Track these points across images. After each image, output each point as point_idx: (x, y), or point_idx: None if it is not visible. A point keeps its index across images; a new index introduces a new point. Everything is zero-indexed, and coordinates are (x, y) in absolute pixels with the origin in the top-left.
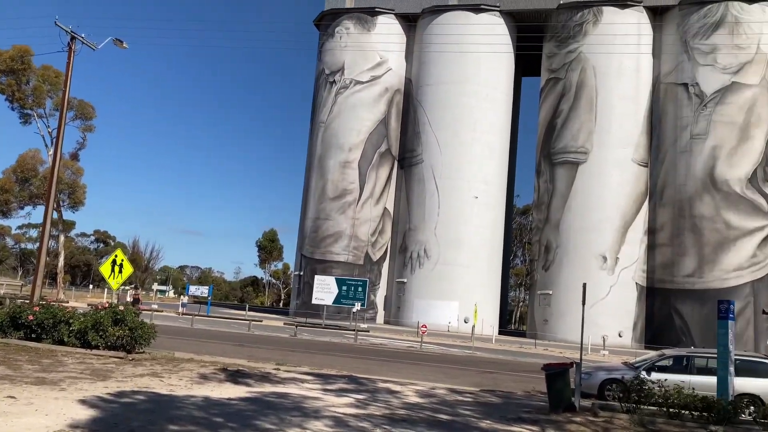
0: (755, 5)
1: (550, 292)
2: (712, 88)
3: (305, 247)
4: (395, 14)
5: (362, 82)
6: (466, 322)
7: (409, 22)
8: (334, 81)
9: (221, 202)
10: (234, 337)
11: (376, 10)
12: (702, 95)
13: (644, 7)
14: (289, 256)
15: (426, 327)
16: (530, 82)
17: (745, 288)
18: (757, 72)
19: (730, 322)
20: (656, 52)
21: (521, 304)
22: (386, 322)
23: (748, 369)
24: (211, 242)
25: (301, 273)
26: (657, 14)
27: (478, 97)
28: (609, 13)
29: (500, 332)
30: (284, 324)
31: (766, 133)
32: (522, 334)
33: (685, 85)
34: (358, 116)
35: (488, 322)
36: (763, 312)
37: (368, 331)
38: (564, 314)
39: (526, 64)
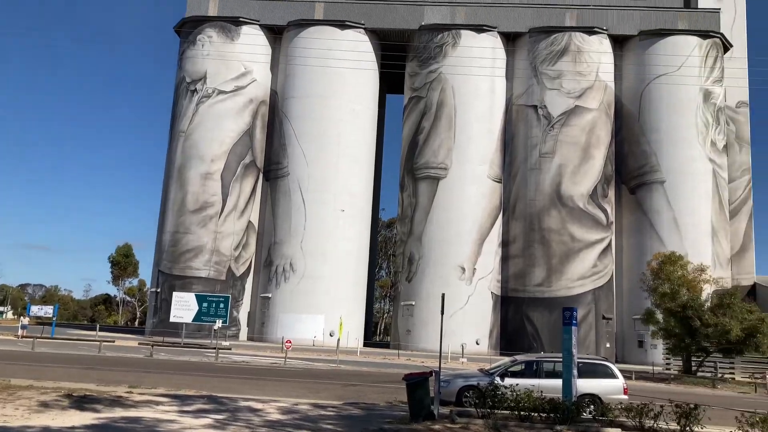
0: (594, 36)
1: (413, 303)
2: (558, 110)
3: (163, 263)
4: (260, 25)
5: (226, 92)
6: (331, 335)
7: (275, 34)
8: (196, 90)
9: (70, 215)
10: (83, 359)
11: (240, 20)
12: (549, 117)
13: (499, 32)
14: (146, 272)
15: (290, 342)
16: (394, 99)
17: (587, 296)
18: (596, 97)
19: (573, 328)
20: (509, 75)
21: (386, 315)
22: (250, 338)
23: (589, 371)
24: (58, 258)
25: (158, 290)
26: (510, 40)
27: (343, 111)
28: (467, 36)
29: (365, 344)
30: (139, 344)
31: (604, 154)
32: (387, 345)
33: (535, 107)
34: (221, 126)
35: (354, 335)
36: (603, 317)
37: (230, 349)
38: (426, 324)
39: (391, 81)
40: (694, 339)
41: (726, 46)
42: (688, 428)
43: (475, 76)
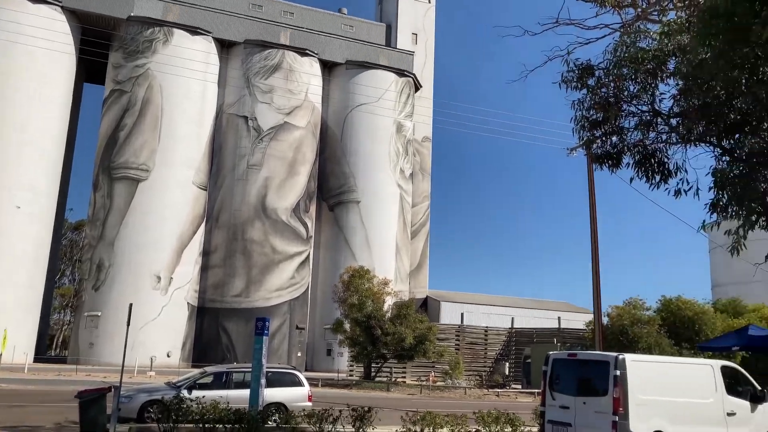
0: (306, 58)
1: (99, 314)
2: (268, 124)
3: None
4: None
5: None
6: None
7: None
8: None
9: None
10: None
11: None
12: (259, 129)
13: (213, 38)
14: None
15: None
16: (94, 90)
17: (283, 306)
18: (304, 116)
19: (264, 337)
20: (222, 82)
21: (65, 327)
22: None
23: (277, 380)
24: None
25: None
26: (225, 47)
27: (29, 94)
28: (179, 36)
29: (37, 359)
30: None
31: (308, 171)
32: (64, 361)
33: (245, 117)
34: None
35: (23, 349)
36: (297, 327)
37: None
38: (113, 336)
39: (91, 70)
40: (375, 347)
41: (417, 86)
42: (362, 430)
43: (186, 78)
